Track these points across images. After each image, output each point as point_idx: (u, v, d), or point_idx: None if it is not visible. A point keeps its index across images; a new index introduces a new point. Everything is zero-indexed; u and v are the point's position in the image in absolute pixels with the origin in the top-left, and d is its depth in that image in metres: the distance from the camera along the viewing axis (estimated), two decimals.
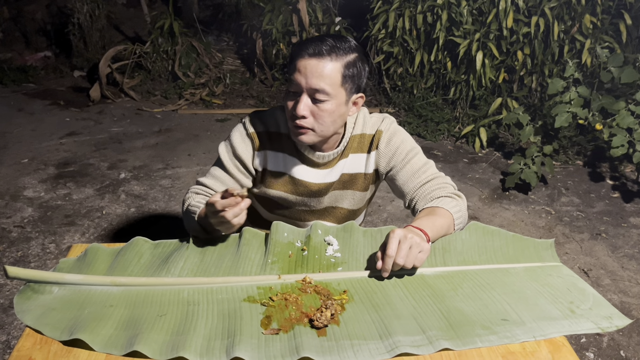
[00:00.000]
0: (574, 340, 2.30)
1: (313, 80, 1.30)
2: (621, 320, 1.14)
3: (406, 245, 1.15)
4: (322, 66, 1.30)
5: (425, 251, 1.18)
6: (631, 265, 2.85)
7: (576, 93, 3.61)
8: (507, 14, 4.14)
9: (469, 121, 4.46)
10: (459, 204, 1.41)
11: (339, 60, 1.31)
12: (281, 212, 1.60)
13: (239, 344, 0.99)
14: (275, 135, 1.48)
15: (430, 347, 1.02)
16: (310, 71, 1.30)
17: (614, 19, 4.22)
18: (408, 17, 4.44)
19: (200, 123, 4.59)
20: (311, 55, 1.30)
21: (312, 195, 1.52)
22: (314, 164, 1.48)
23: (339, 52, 1.31)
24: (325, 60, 1.30)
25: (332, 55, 1.31)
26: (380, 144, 1.48)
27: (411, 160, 1.47)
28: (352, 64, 1.34)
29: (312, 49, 1.30)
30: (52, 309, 1.10)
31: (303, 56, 1.31)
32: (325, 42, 1.31)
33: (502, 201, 3.49)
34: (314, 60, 1.30)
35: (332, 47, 1.31)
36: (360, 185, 1.54)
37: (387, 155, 1.48)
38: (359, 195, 1.56)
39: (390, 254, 1.14)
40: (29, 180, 3.47)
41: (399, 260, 1.14)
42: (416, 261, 1.17)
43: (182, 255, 1.25)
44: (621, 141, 3.35)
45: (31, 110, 4.73)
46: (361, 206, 1.61)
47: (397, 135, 1.48)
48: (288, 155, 1.49)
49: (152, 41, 5.27)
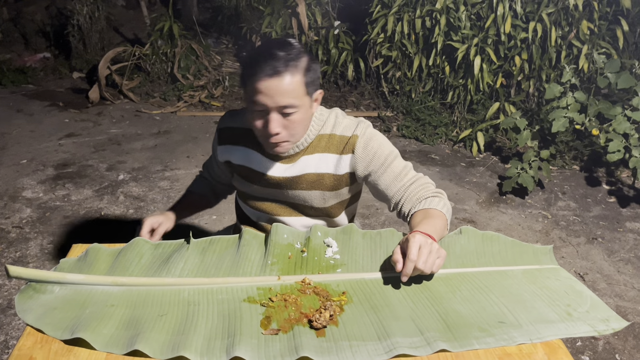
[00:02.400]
0: (570, 344, 2.32)
1: (279, 99, 1.29)
2: (618, 322, 1.15)
3: (426, 251, 1.16)
4: (284, 83, 1.28)
5: (442, 257, 1.20)
6: (627, 270, 2.87)
7: (573, 98, 3.64)
8: (505, 20, 4.17)
9: (466, 125, 4.48)
10: (445, 202, 1.43)
11: (297, 72, 1.30)
12: (256, 206, 1.61)
13: (239, 344, 1.00)
14: (238, 130, 1.54)
15: (428, 349, 1.03)
16: (274, 91, 1.28)
17: (611, 25, 4.25)
18: (407, 22, 4.47)
19: (199, 125, 4.60)
20: (270, 75, 1.27)
21: (275, 187, 1.52)
22: (274, 157, 1.49)
23: (293, 62, 1.29)
24: (285, 76, 1.28)
25: (290, 69, 1.29)
26: (356, 148, 1.45)
27: (391, 165, 1.46)
28: (308, 68, 1.33)
29: (269, 69, 1.27)
30: (54, 308, 1.10)
31: (261, 78, 1.28)
32: (277, 58, 1.28)
33: (499, 205, 3.51)
34: (274, 81, 1.27)
35: (286, 60, 1.28)
36: (328, 185, 1.51)
37: (364, 160, 1.46)
38: (328, 194, 1.53)
39: (412, 259, 1.15)
40: (28, 181, 3.47)
41: (420, 266, 1.15)
42: (434, 267, 1.18)
43: (182, 256, 1.26)
44: (617, 146, 3.38)
45: (30, 111, 4.73)
46: (334, 204, 1.58)
47: (374, 140, 1.46)
48: (250, 149, 1.52)
49: (151, 43, 5.28)
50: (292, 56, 1.30)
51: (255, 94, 1.30)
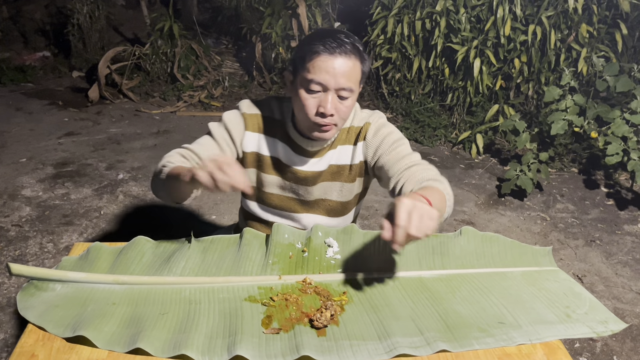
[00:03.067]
0: (568, 345, 2.32)
1: (341, 79, 1.31)
2: (616, 324, 1.16)
3: (417, 215, 1.04)
4: (349, 65, 1.31)
5: (434, 218, 1.06)
6: (625, 272, 2.88)
7: (572, 101, 3.65)
8: (504, 22, 4.18)
9: (465, 127, 4.49)
10: (447, 189, 1.36)
11: (359, 58, 1.34)
12: (270, 201, 1.58)
13: (240, 343, 1.01)
14: (269, 119, 1.50)
15: (428, 349, 1.04)
16: (338, 70, 1.30)
17: (610, 28, 4.27)
18: (407, 23, 4.48)
19: (199, 125, 4.60)
20: (339, 54, 1.30)
21: (300, 182, 1.52)
22: (303, 151, 1.49)
23: (358, 48, 1.34)
24: (351, 58, 1.31)
25: (355, 53, 1.32)
26: (367, 135, 1.48)
27: (397, 148, 1.46)
28: (365, 59, 1.37)
29: (337, 49, 1.30)
30: (55, 306, 1.11)
31: (328, 56, 1.30)
32: (345, 41, 1.31)
33: (498, 207, 3.52)
34: (341, 60, 1.30)
35: (353, 44, 1.32)
36: (346, 176, 1.54)
37: (374, 144, 1.48)
38: (347, 187, 1.56)
39: (401, 224, 1.02)
40: (27, 180, 3.47)
41: (412, 231, 1.03)
42: (427, 230, 1.04)
43: (183, 255, 1.26)
44: (616, 149, 3.39)
45: (29, 109, 4.73)
46: (350, 199, 1.59)
47: (385, 127, 1.49)
48: (279, 141, 1.50)
49: (151, 43, 5.29)
50: (357, 43, 1.35)
51: (317, 72, 1.31)
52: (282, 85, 5.38)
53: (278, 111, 1.50)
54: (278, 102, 1.52)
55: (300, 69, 1.35)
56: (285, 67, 5.28)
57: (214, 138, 1.49)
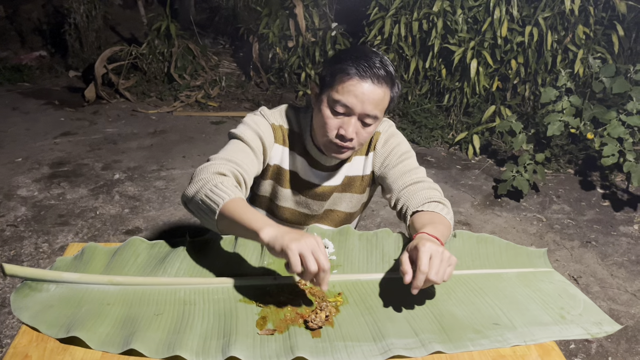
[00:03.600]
0: (563, 347, 2.33)
1: (368, 106, 1.28)
2: (611, 326, 1.16)
3: (437, 260, 1.08)
4: (379, 94, 1.28)
5: (453, 265, 1.11)
6: (620, 273, 2.89)
7: (568, 102, 3.66)
8: (501, 23, 4.19)
9: (462, 128, 4.50)
10: (450, 213, 1.38)
11: (390, 88, 1.31)
12: (282, 215, 1.59)
13: (234, 344, 1.01)
14: (291, 132, 1.47)
15: (422, 350, 1.04)
16: (368, 97, 1.27)
17: (606, 30, 4.28)
18: (404, 24, 4.48)
19: (195, 125, 4.60)
20: (369, 79, 1.26)
21: (315, 197, 1.53)
22: (320, 166, 1.49)
23: (392, 77, 1.30)
24: (383, 87, 1.28)
25: (388, 83, 1.29)
26: (377, 144, 1.49)
27: (404, 161, 1.47)
28: (396, 87, 1.34)
29: (373, 76, 1.26)
30: (49, 306, 1.10)
31: (362, 78, 1.26)
32: (377, 66, 1.27)
33: (494, 208, 3.52)
34: (373, 88, 1.27)
35: (386, 72, 1.28)
36: (357, 187, 1.55)
37: (382, 155, 1.49)
38: (356, 197, 1.57)
39: (423, 270, 1.06)
40: (23, 180, 3.46)
41: (432, 277, 1.07)
42: (446, 276, 1.09)
43: (178, 256, 1.26)
44: (612, 150, 3.40)
45: (26, 109, 4.72)
46: (357, 209, 1.63)
47: (395, 138, 1.50)
48: (298, 155, 1.49)
49: (148, 43, 5.28)
50: (390, 68, 1.31)
51: (345, 94, 1.28)
52: (278, 85, 5.38)
53: (296, 124, 1.48)
54: (295, 113, 1.48)
55: (328, 86, 1.32)
56: (283, 67, 5.27)
57: (250, 147, 1.38)
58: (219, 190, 1.17)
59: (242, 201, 1.17)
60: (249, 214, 1.11)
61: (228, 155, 1.32)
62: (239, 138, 1.38)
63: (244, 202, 1.17)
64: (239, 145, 1.37)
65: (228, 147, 1.37)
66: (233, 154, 1.32)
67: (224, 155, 1.31)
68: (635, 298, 2.69)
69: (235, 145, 1.37)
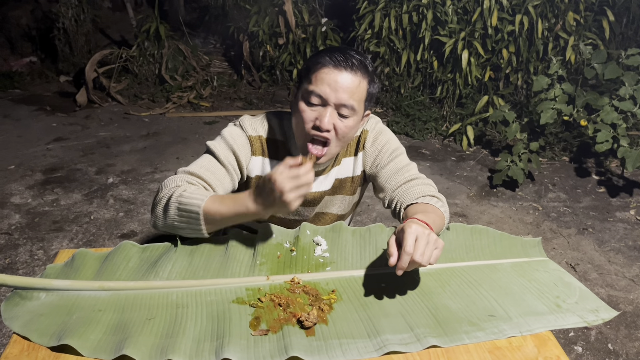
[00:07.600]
0: (562, 335, 2.33)
1: (343, 96, 1.26)
2: (607, 312, 1.15)
3: (423, 242, 1.07)
4: (353, 81, 1.27)
5: (440, 248, 1.10)
6: (617, 259, 2.89)
7: (561, 90, 3.65)
8: (491, 13, 4.18)
9: (456, 119, 4.49)
10: (445, 207, 1.38)
11: (366, 77, 1.29)
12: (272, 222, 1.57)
13: (228, 346, 1.00)
14: (271, 142, 1.44)
15: (418, 345, 1.03)
16: (341, 85, 1.26)
17: (597, 16, 4.27)
18: (394, 17, 4.47)
19: (189, 126, 4.58)
20: (344, 68, 1.26)
21: (305, 204, 1.51)
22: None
23: (366, 67, 1.29)
24: (357, 75, 1.27)
25: (362, 71, 1.28)
26: (366, 143, 1.47)
27: (395, 159, 1.46)
28: (373, 81, 1.32)
29: (344, 62, 1.25)
30: (40, 314, 1.09)
31: (332, 69, 1.26)
32: (353, 57, 1.27)
33: (490, 198, 3.52)
34: (345, 75, 1.26)
35: (360, 62, 1.28)
36: (348, 189, 1.54)
37: (372, 154, 1.47)
38: (347, 199, 1.56)
39: (408, 251, 1.06)
40: (16, 187, 3.44)
41: (417, 258, 1.06)
42: (432, 259, 1.08)
43: (170, 259, 1.25)
44: (606, 136, 3.39)
45: (17, 116, 4.69)
46: (348, 211, 1.61)
47: (383, 135, 1.48)
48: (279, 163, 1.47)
49: (138, 45, 5.26)
50: (367, 62, 1.30)
51: (319, 84, 1.26)
52: (270, 83, 5.36)
53: (279, 131, 1.44)
54: (278, 120, 1.45)
55: (303, 80, 1.31)
56: (274, 65, 5.25)
57: (220, 161, 1.37)
58: (188, 196, 1.22)
59: (214, 195, 1.24)
60: (228, 203, 1.19)
61: (192, 168, 1.33)
62: (211, 153, 1.39)
63: (214, 195, 1.25)
64: (210, 160, 1.37)
65: (198, 161, 1.37)
66: (198, 169, 1.33)
67: (189, 169, 1.33)
68: (633, 283, 2.69)
69: (206, 160, 1.37)
